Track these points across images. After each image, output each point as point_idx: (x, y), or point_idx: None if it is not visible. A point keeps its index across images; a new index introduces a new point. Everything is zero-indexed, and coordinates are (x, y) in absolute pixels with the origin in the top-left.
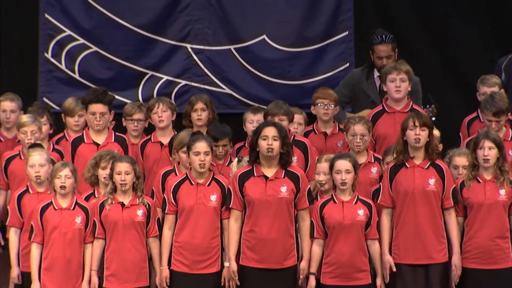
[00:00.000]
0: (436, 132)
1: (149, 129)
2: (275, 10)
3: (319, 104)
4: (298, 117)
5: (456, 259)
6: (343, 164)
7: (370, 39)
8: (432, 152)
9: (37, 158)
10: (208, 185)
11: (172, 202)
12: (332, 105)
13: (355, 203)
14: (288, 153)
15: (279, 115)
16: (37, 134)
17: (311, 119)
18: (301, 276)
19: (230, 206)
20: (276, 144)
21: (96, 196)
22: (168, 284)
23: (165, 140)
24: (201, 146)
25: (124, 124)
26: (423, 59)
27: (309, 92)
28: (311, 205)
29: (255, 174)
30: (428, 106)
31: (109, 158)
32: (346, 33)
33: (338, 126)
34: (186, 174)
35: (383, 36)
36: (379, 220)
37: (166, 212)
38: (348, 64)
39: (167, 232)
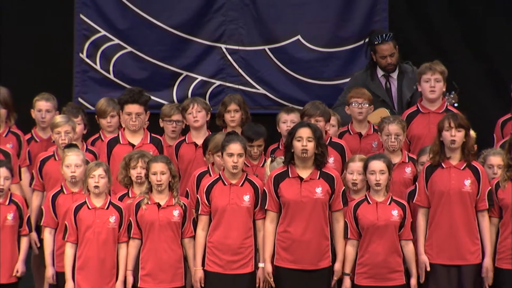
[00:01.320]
0: (472, 133)
1: (184, 130)
2: (309, 10)
3: (353, 103)
4: (331, 119)
5: (488, 262)
6: (377, 165)
7: (371, 40)
8: (468, 153)
9: (73, 158)
10: (241, 185)
11: (205, 203)
12: (366, 104)
13: (389, 203)
14: (323, 154)
15: (315, 116)
16: (71, 135)
17: None
18: (334, 278)
19: (265, 208)
20: (310, 145)
21: (130, 196)
22: (202, 284)
23: (200, 141)
24: (235, 147)
25: (161, 125)
26: (458, 59)
27: None
28: (345, 206)
29: (290, 175)
30: (448, 93)
31: (138, 157)
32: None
33: (373, 127)
34: (219, 174)
35: (384, 35)
36: (413, 221)
37: (199, 213)
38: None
39: (200, 233)
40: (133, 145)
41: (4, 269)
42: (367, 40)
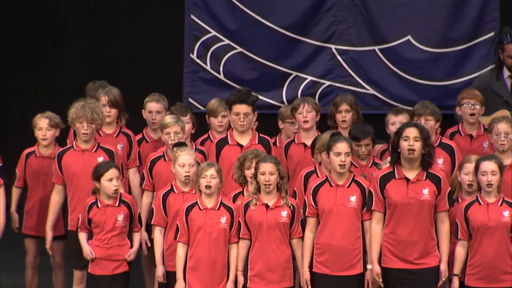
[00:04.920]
0: None
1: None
2: (420, 11)
3: (464, 105)
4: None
5: None
6: (489, 166)
7: (499, 39)
8: None
9: (187, 158)
10: (348, 186)
11: (312, 205)
12: (478, 106)
13: (500, 204)
14: (430, 154)
15: (425, 115)
16: (180, 135)
17: None
18: (443, 278)
19: (372, 208)
20: (417, 145)
21: (245, 194)
22: (309, 286)
23: (309, 142)
24: (342, 146)
25: (281, 126)
26: None
27: (453, 93)
28: (451, 207)
29: (396, 176)
30: None
31: (252, 157)
32: (492, 33)
33: (483, 127)
34: (326, 176)
35: None
36: None
37: (306, 214)
38: (494, 65)
39: (308, 235)
40: (241, 146)
41: (111, 266)
42: (496, 38)
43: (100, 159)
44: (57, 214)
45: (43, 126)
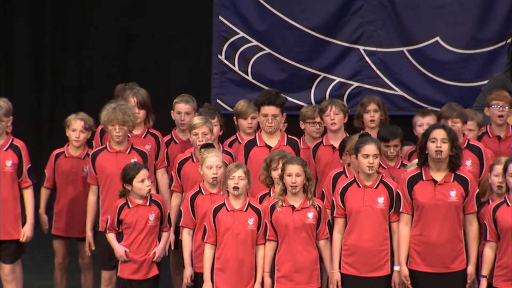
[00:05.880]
0: None
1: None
2: (448, 12)
3: (493, 106)
4: (470, 123)
5: None
6: None
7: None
8: None
9: (215, 159)
10: (376, 187)
11: (339, 205)
12: (507, 107)
13: None
14: (457, 156)
15: (452, 117)
16: (208, 136)
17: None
18: (468, 281)
19: (400, 210)
20: (445, 147)
21: (271, 195)
22: (339, 287)
23: (337, 143)
24: (370, 148)
25: (302, 127)
26: None
27: None
28: (479, 209)
29: (424, 178)
30: None
31: (278, 158)
32: None
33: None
34: (354, 177)
35: None
36: None
37: (334, 215)
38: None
39: (336, 236)
40: (269, 147)
41: (142, 270)
42: (509, 40)
43: (133, 161)
44: (95, 214)
45: (77, 128)
